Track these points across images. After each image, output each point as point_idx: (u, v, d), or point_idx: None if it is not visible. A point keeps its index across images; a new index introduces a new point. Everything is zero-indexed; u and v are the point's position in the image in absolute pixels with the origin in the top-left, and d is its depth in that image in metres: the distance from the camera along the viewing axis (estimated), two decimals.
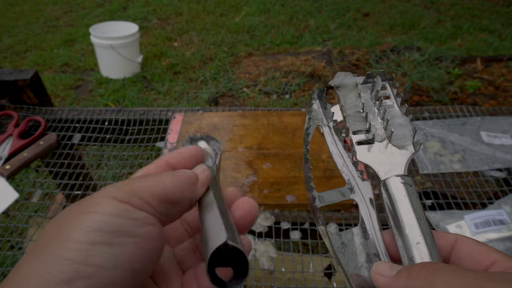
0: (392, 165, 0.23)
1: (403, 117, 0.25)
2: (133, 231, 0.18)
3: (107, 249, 0.17)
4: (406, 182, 0.22)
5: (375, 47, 2.39)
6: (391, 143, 0.24)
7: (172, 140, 0.67)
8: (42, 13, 3.20)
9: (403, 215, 0.21)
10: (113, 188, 0.19)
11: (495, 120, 0.70)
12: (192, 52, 2.49)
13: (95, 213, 0.18)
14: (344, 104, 0.27)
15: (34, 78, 0.76)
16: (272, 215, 0.57)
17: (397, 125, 0.24)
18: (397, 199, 0.22)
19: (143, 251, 0.18)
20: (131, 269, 0.17)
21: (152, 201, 0.19)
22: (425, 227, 0.20)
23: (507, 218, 0.52)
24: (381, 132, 0.25)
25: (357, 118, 0.26)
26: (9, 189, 0.60)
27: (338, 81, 0.27)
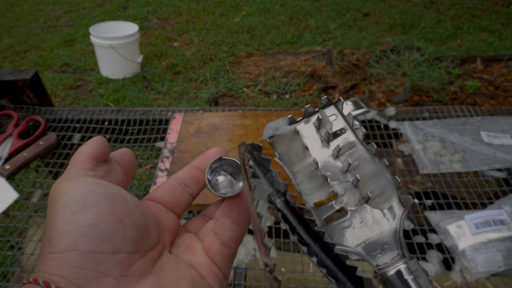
0: (383, 243, 0.17)
1: (373, 161, 0.18)
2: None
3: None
4: (413, 271, 0.15)
5: (375, 47, 2.39)
6: (369, 205, 0.18)
7: (172, 140, 0.67)
8: (42, 13, 3.20)
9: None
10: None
11: (495, 120, 0.70)
12: (192, 52, 2.49)
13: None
14: (290, 166, 0.19)
15: (34, 78, 0.76)
16: (272, 215, 0.57)
17: (369, 176, 0.18)
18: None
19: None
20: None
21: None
22: None
23: (507, 218, 0.52)
24: (351, 194, 0.18)
25: (314, 182, 0.19)
26: (9, 189, 0.60)
27: (271, 133, 0.20)
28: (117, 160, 0.23)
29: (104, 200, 0.18)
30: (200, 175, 0.24)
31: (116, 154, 0.23)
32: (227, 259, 0.22)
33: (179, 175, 0.24)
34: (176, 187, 0.24)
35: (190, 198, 0.24)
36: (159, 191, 0.24)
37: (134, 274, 0.18)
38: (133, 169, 0.24)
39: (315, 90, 2.04)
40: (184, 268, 0.21)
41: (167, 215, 0.23)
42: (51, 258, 0.17)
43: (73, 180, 0.19)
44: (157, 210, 0.23)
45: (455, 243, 0.51)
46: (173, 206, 0.23)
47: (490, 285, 0.48)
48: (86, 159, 0.20)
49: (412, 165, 0.64)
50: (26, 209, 0.61)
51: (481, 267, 0.48)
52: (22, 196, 0.61)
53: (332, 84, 2.08)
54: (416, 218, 0.56)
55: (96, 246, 0.17)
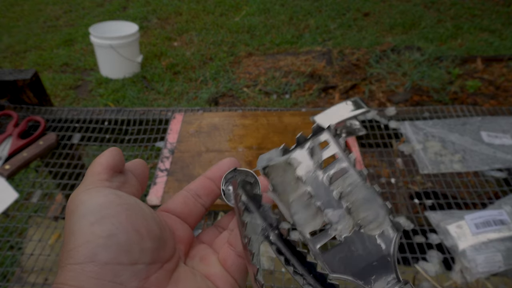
0: (378, 268, 0.17)
1: (365, 187, 0.19)
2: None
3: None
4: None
5: (375, 47, 2.38)
6: (363, 231, 0.18)
7: (172, 140, 0.67)
8: (42, 13, 3.20)
9: None
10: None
11: (496, 120, 0.70)
12: (192, 52, 2.49)
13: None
14: (283, 197, 0.20)
15: (33, 78, 0.76)
16: None
17: (362, 203, 0.18)
18: None
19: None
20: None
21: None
22: None
23: (508, 218, 0.52)
24: (345, 222, 0.19)
25: (308, 212, 0.19)
26: (8, 189, 0.60)
27: (265, 164, 0.20)
28: (132, 170, 0.23)
29: (122, 211, 0.19)
30: (212, 186, 0.24)
31: (131, 164, 0.23)
32: (243, 270, 0.22)
33: (192, 186, 0.24)
34: (189, 198, 0.24)
35: (203, 209, 0.24)
36: (173, 202, 0.24)
37: (152, 286, 0.18)
38: (147, 180, 0.24)
39: (315, 90, 2.04)
40: (200, 280, 0.21)
41: (181, 226, 0.23)
42: (70, 269, 0.17)
43: (90, 191, 0.19)
44: (171, 221, 0.23)
45: (455, 243, 0.51)
46: (186, 217, 0.24)
47: (490, 285, 0.48)
48: (102, 170, 0.21)
49: (412, 165, 0.64)
50: (26, 209, 0.61)
51: (481, 267, 0.48)
52: (22, 196, 0.61)
53: (332, 84, 2.08)
54: (416, 218, 0.56)
55: (114, 257, 0.17)
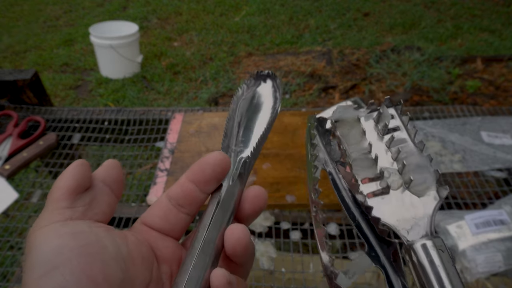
0: (416, 221, 0.19)
1: (420, 155, 0.21)
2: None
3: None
4: (438, 246, 0.18)
5: (375, 47, 2.39)
6: (409, 191, 0.20)
7: (172, 140, 0.67)
8: (42, 13, 3.20)
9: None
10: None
11: (496, 120, 0.70)
12: (192, 52, 2.49)
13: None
14: (347, 146, 0.22)
15: (33, 78, 0.76)
16: (272, 215, 0.57)
17: (414, 167, 0.20)
18: (429, 272, 0.18)
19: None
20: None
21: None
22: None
23: (508, 218, 0.52)
24: (395, 178, 0.20)
25: (365, 162, 0.21)
26: (8, 189, 0.60)
27: (337, 117, 0.23)
28: (103, 179, 0.20)
29: (76, 257, 0.16)
30: (195, 192, 0.21)
31: (102, 172, 0.20)
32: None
33: (173, 193, 0.21)
34: (171, 210, 0.21)
35: (188, 218, 0.21)
36: (151, 215, 0.21)
37: None
38: (122, 185, 0.21)
39: (315, 90, 2.04)
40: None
41: (163, 242, 0.21)
42: None
43: (44, 230, 0.17)
44: (152, 239, 0.20)
45: (455, 243, 0.51)
46: (169, 231, 0.21)
47: (490, 285, 0.48)
48: (61, 196, 0.18)
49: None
50: (26, 209, 0.61)
51: (481, 267, 0.48)
52: (22, 196, 0.61)
53: (332, 84, 2.08)
54: None
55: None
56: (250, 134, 0.23)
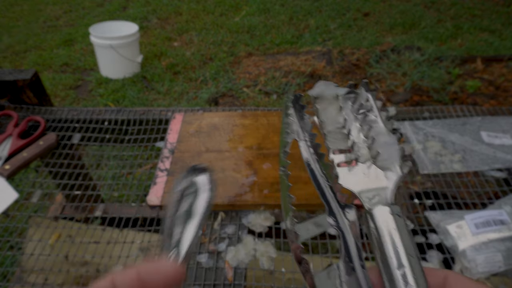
0: (378, 191, 0.21)
1: (389, 135, 0.23)
2: None
3: None
4: (395, 212, 0.20)
5: (375, 47, 2.38)
6: (376, 165, 0.22)
7: (172, 140, 0.67)
8: (42, 13, 3.20)
9: (391, 252, 0.19)
10: None
11: (496, 120, 0.70)
12: (192, 52, 2.49)
13: None
14: (324, 119, 0.24)
15: (33, 78, 0.76)
16: (272, 215, 0.57)
17: (382, 144, 0.22)
18: (385, 234, 0.19)
19: None
20: None
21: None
22: (416, 266, 0.18)
23: (508, 218, 0.52)
24: (365, 152, 0.22)
25: (338, 135, 0.23)
26: (8, 189, 0.60)
27: (318, 92, 0.25)
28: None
29: None
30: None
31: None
32: None
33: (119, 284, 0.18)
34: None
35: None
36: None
37: None
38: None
39: None
40: None
41: None
42: None
43: None
44: None
45: (455, 243, 0.51)
46: None
47: (490, 285, 0.48)
48: None
49: (412, 165, 0.64)
50: (26, 209, 0.61)
51: (481, 267, 0.48)
52: (22, 196, 0.61)
53: None
54: (416, 218, 0.56)
55: None
56: (185, 231, 0.24)
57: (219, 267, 0.51)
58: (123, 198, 1.19)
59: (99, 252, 0.54)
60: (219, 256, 0.52)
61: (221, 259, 0.52)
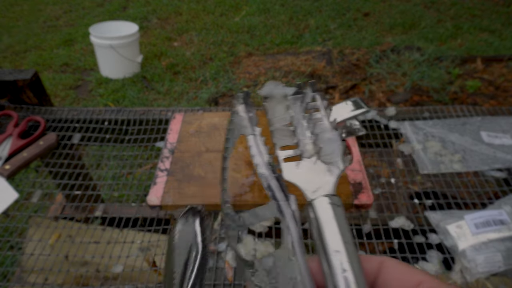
0: (320, 184, 0.22)
1: (332, 132, 0.24)
2: None
3: None
4: (334, 202, 0.21)
5: (375, 47, 2.38)
6: (319, 160, 0.23)
7: (172, 140, 0.67)
8: (42, 13, 3.20)
9: (329, 239, 0.19)
10: None
11: (496, 120, 0.70)
12: (192, 52, 2.49)
13: None
14: (272, 116, 0.25)
15: (33, 78, 0.76)
16: None
17: (326, 140, 0.23)
18: (323, 222, 0.20)
19: None
20: None
21: None
22: (352, 253, 0.19)
23: (508, 218, 0.52)
24: (309, 148, 0.24)
25: (285, 132, 0.25)
26: (9, 189, 0.60)
27: (267, 92, 0.26)
28: None
29: None
30: None
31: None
32: None
33: None
34: None
35: None
36: None
37: None
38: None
39: None
40: None
41: None
42: None
43: None
44: None
45: (455, 243, 0.51)
46: None
47: (490, 285, 0.48)
48: None
49: (412, 165, 0.64)
50: (26, 209, 0.61)
51: (481, 267, 0.48)
52: (22, 196, 0.61)
53: (332, 84, 2.08)
54: (416, 218, 0.56)
55: None
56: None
57: (219, 267, 0.51)
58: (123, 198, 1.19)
59: (99, 252, 0.54)
60: (219, 256, 0.52)
61: (221, 259, 0.52)
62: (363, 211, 0.56)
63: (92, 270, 0.53)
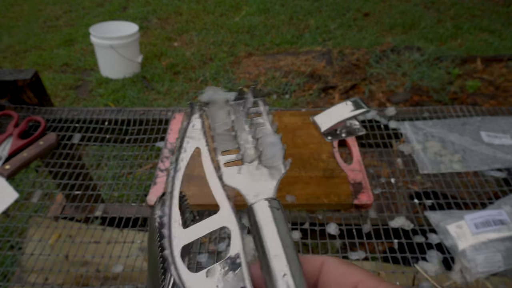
0: (261, 188, 0.22)
1: (273, 136, 0.24)
2: None
3: None
4: (273, 206, 0.20)
5: (375, 47, 2.39)
6: (261, 164, 0.23)
7: (172, 140, 0.67)
8: (42, 13, 3.20)
9: (268, 243, 0.19)
10: None
11: (495, 120, 0.70)
12: (192, 52, 2.49)
13: None
14: (213, 122, 0.25)
15: (34, 78, 0.76)
16: None
17: (267, 144, 0.23)
18: (262, 226, 0.20)
19: None
20: None
21: None
22: (291, 256, 0.19)
23: (507, 218, 0.52)
24: (251, 152, 0.24)
25: (227, 137, 0.25)
26: (9, 189, 0.60)
27: (208, 97, 0.26)
28: None
29: None
30: None
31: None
32: None
33: None
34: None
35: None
36: None
37: None
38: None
39: (315, 90, 2.04)
40: None
41: None
42: None
43: None
44: None
45: (455, 243, 0.51)
46: None
47: (490, 285, 0.48)
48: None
49: (412, 165, 0.64)
50: (26, 209, 0.61)
51: (481, 267, 0.48)
52: (22, 196, 0.61)
53: (332, 84, 2.08)
54: (416, 218, 0.56)
55: None
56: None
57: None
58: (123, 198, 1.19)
59: (99, 252, 0.54)
60: (219, 256, 0.52)
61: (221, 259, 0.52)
62: (363, 211, 0.56)
63: (92, 270, 0.53)
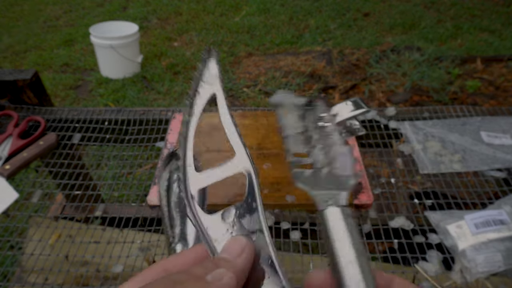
0: (331, 195, 0.22)
1: (344, 146, 0.25)
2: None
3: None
4: (347, 213, 0.21)
5: (375, 47, 2.39)
6: (331, 171, 0.24)
7: (172, 140, 0.67)
8: (42, 13, 3.20)
9: (341, 250, 0.19)
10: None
11: (495, 120, 0.70)
12: (192, 52, 2.49)
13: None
14: (284, 123, 0.26)
15: (34, 78, 0.76)
16: (272, 215, 0.57)
17: (338, 153, 0.24)
18: (336, 232, 0.20)
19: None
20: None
21: None
22: (365, 266, 0.19)
23: (507, 218, 0.52)
24: (321, 158, 0.24)
25: (297, 140, 0.26)
26: (9, 189, 0.60)
27: (278, 100, 0.28)
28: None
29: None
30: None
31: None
32: None
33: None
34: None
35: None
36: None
37: None
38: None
39: (315, 90, 2.04)
40: None
41: None
42: None
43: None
44: None
45: (455, 243, 0.51)
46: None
47: (490, 285, 0.48)
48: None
49: (412, 165, 0.64)
50: (26, 209, 0.61)
51: (481, 267, 0.48)
52: (22, 196, 0.61)
53: (332, 84, 2.08)
54: (416, 218, 0.56)
55: None
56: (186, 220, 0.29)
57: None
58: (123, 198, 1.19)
59: (99, 252, 0.54)
60: None
61: None
62: (363, 211, 0.56)
63: (92, 270, 0.53)
